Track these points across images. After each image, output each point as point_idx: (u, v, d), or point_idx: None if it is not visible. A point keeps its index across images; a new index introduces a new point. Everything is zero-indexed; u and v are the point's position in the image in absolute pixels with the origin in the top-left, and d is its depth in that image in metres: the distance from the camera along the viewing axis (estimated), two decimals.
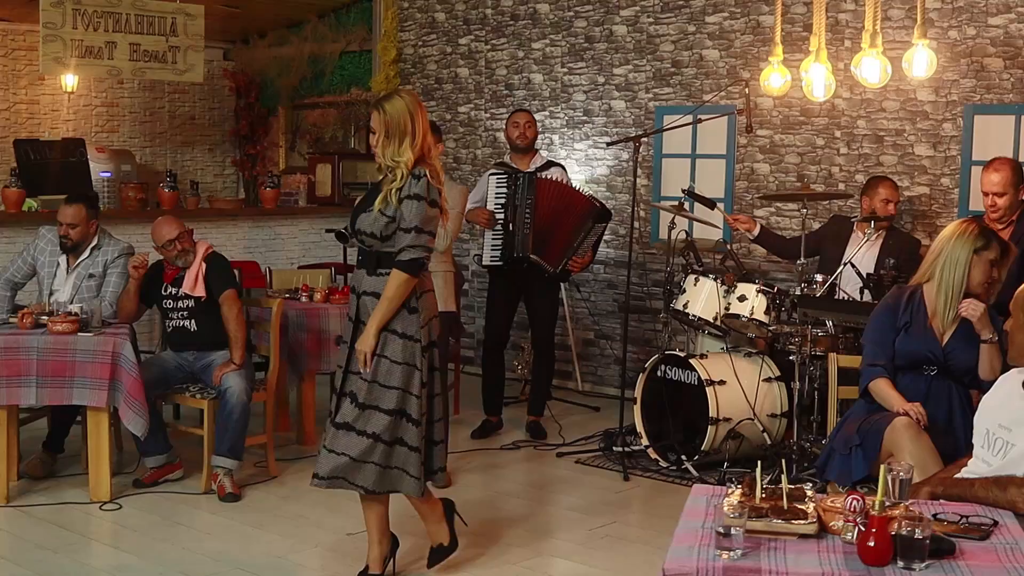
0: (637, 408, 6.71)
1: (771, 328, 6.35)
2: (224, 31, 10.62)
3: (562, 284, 7.87)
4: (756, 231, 7.08)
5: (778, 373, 6.56)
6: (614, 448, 6.75)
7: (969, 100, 7.01)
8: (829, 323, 6.06)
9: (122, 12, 8.16)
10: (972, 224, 4.65)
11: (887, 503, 2.92)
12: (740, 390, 6.37)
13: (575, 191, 7.27)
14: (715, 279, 6.58)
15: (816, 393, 6.38)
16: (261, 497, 5.96)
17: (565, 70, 8.85)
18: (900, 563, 2.66)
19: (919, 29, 5.15)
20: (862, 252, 6.72)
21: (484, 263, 7.29)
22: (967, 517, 3.03)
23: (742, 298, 6.43)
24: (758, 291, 6.40)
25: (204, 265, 6.08)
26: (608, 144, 8.22)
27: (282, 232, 9.18)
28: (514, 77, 9.15)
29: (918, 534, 2.63)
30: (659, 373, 6.65)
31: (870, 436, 4.42)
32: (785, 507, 2.97)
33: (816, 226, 7.57)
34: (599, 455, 6.81)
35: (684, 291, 6.69)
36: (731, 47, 7.96)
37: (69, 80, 9.57)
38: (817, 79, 5.46)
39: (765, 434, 6.40)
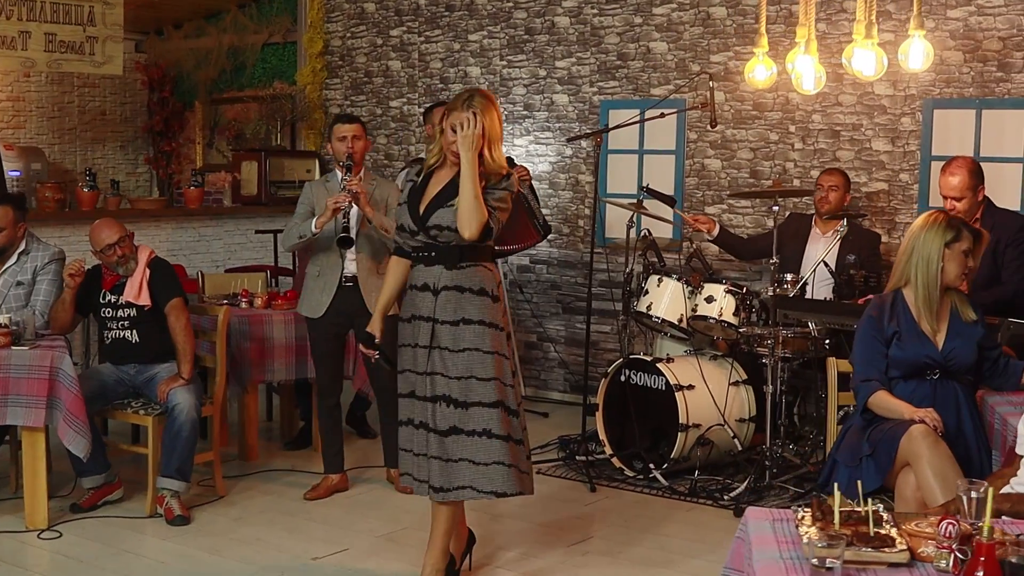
0: (599, 415, 6.45)
1: (741, 330, 6.14)
2: (136, 21, 10.02)
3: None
4: (716, 232, 6.87)
5: (745, 376, 6.35)
6: (576, 457, 6.47)
7: (928, 94, 6.89)
8: (812, 325, 5.85)
9: (37, 0, 7.64)
10: (938, 216, 4.47)
11: (976, 524, 2.69)
12: (709, 395, 6.15)
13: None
14: (679, 279, 6.36)
15: (784, 397, 6.20)
16: (211, 519, 5.55)
17: (504, 63, 8.54)
18: None
19: (915, 19, 4.95)
20: (822, 249, 6.57)
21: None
22: None
23: (710, 299, 6.21)
24: (726, 292, 6.18)
25: (148, 271, 5.65)
26: (569, 140, 7.95)
27: (207, 234, 8.73)
28: (450, 70, 8.82)
29: None
30: (623, 378, 6.40)
31: (882, 446, 4.21)
32: (871, 533, 2.72)
33: (770, 224, 7.41)
34: (560, 464, 6.53)
35: (647, 292, 6.45)
36: (680, 39, 7.73)
37: None
38: (806, 72, 5.23)
39: (736, 440, 6.18)
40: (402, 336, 4.49)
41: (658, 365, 6.18)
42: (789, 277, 6.07)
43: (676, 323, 6.34)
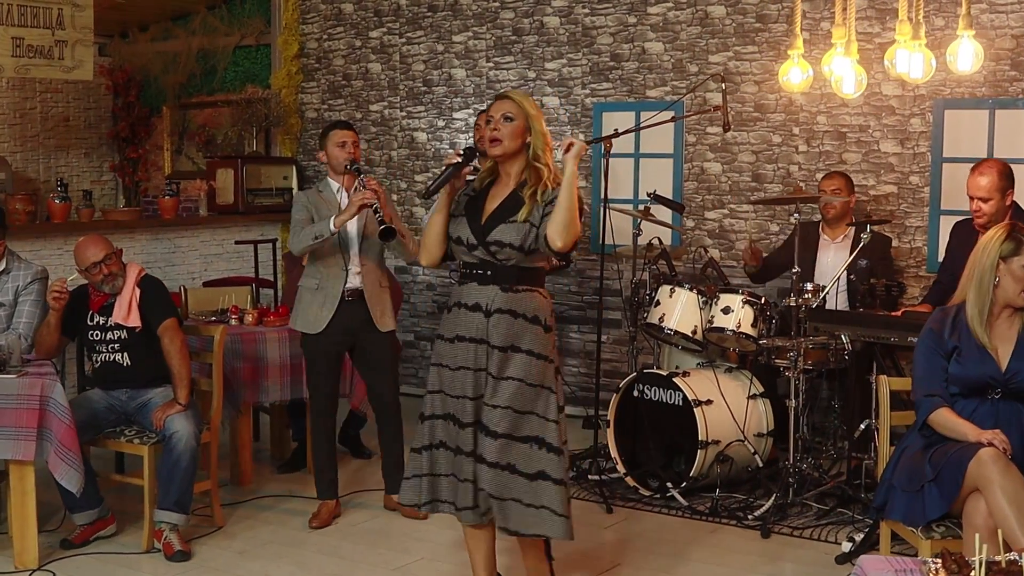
0: (611, 431, 6.18)
1: (761, 342, 5.89)
2: (100, 24, 9.56)
3: None
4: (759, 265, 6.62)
5: (762, 389, 6.11)
6: (589, 477, 6.20)
7: (939, 95, 6.69)
8: (844, 337, 5.61)
9: (3, 2, 7.23)
10: (1000, 229, 4.24)
11: None
12: (727, 410, 5.90)
13: None
14: (693, 290, 6.10)
15: (803, 410, 5.97)
16: (213, 554, 5.21)
17: (491, 64, 8.25)
18: None
19: (964, 19, 4.71)
20: (832, 255, 6.38)
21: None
22: None
23: (727, 310, 5.96)
24: (744, 302, 5.94)
25: (138, 291, 5.30)
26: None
27: (182, 245, 8.35)
28: (433, 72, 8.51)
29: None
30: (635, 393, 6.13)
31: (947, 470, 3.97)
32: None
33: (774, 229, 7.20)
34: (571, 484, 6.24)
35: (658, 303, 6.19)
36: (676, 39, 7.48)
37: None
38: (846, 74, 4.97)
39: (757, 456, 5.94)
40: (441, 355, 4.18)
41: (675, 380, 5.93)
42: (809, 287, 5.83)
43: (690, 335, 6.08)
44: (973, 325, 4.17)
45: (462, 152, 4.09)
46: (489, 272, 4.08)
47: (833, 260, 6.38)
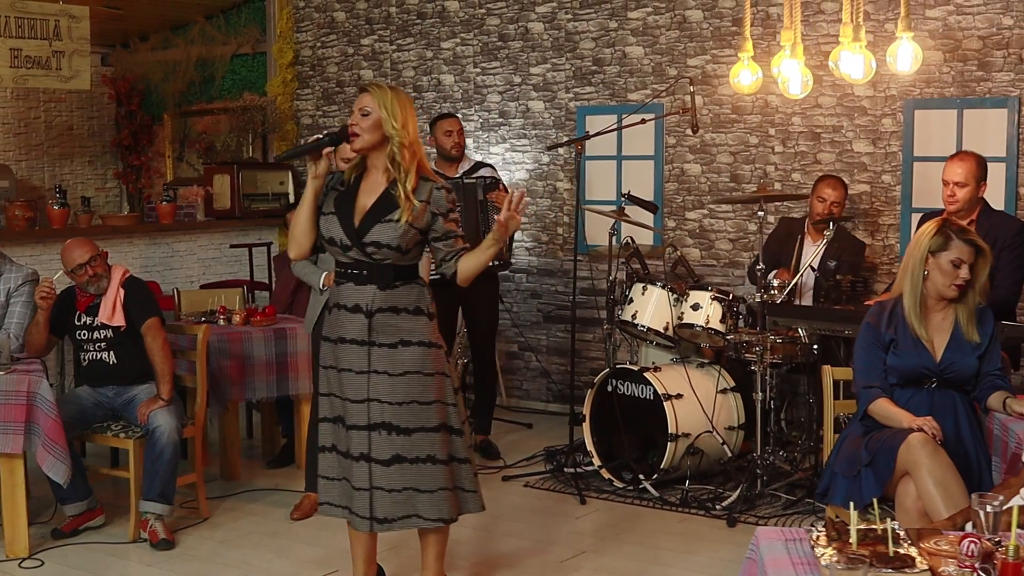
0: (586, 425, 6.37)
1: (728, 337, 6.07)
2: (101, 34, 9.88)
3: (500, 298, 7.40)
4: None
5: (732, 384, 6.28)
6: (564, 469, 6.39)
7: (909, 95, 6.84)
8: (801, 331, 5.79)
9: (1, 15, 7.48)
10: (933, 223, 4.39)
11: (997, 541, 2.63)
12: (698, 403, 6.08)
13: (478, 184, 6.72)
14: (664, 287, 6.28)
15: (772, 403, 6.14)
16: (197, 543, 5.43)
17: (478, 70, 8.45)
18: None
19: (903, 22, 4.89)
20: (808, 255, 6.52)
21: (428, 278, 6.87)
22: None
23: (696, 306, 6.13)
24: (712, 298, 6.11)
25: (122, 291, 5.52)
26: (548, 147, 7.83)
27: (180, 249, 8.58)
28: (423, 79, 8.72)
29: None
30: (609, 388, 6.32)
31: (881, 455, 4.14)
32: (891, 553, 2.64)
33: (752, 228, 7.36)
34: (547, 477, 6.44)
35: (631, 300, 6.37)
36: (656, 43, 7.66)
37: None
38: (792, 76, 5.16)
39: (725, 447, 6.12)
40: (325, 358, 4.26)
41: (645, 375, 6.11)
42: (776, 283, 6.00)
43: (662, 331, 6.26)
44: (909, 318, 4.34)
45: (325, 133, 4.12)
46: (365, 272, 4.12)
47: (805, 259, 6.53)
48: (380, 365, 4.11)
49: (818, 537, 2.78)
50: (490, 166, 7.12)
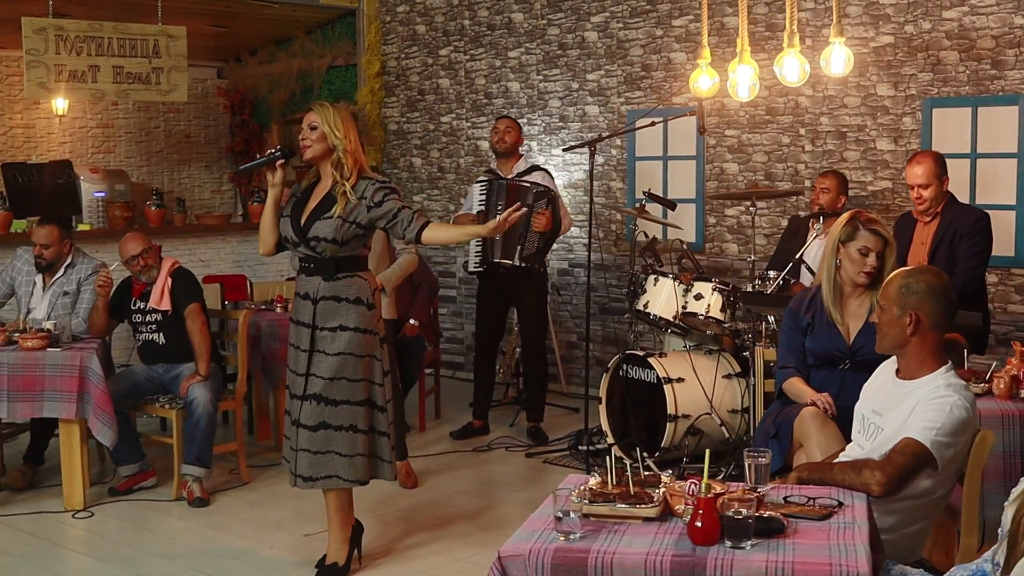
0: (602, 407, 6.85)
1: (727, 325, 6.47)
2: (217, 50, 10.88)
3: (548, 288, 7.88)
4: None
5: (738, 369, 6.66)
6: (580, 447, 6.88)
7: (927, 94, 7.10)
8: (771, 318, 6.17)
9: (104, 36, 8.37)
10: (845, 216, 4.67)
11: (745, 487, 3.06)
12: (699, 386, 6.49)
13: (529, 190, 7.18)
14: (673, 278, 6.71)
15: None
16: (229, 502, 6.14)
17: (540, 77, 8.99)
18: (728, 543, 2.79)
19: (835, 27, 5.26)
20: (812, 249, 6.83)
21: (469, 270, 7.43)
22: (815, 499, 3.15)
23: (699, 296, 6.54)
24: (714, 289, 6.51)
25: (170, 280, 6.27)
26: (564, 150, 8.28)
27: None
28: (492, 86, 9.31)
29: (743, 515, 2.76)
30: (621, 372, 6.78)
31: (783, 427, 4.51)
32: (632, 492, 3.10)
33: (783, 223, 7.70)
34: (566, 455, 6.95)
35: (645, 291, 6.81)
36: (697, 49, 8.04)
37: (60, 104, 9.82)
38: (742, 80, 5.57)
39: (724, 428, 6.51)
40: (290, 337, 4.92)
41: (650, 360, 6.55)
42: (771, 274, 6.37)
43: (672, 320, 6.69)
44: (827, 304, 4.70)
45: (278, 148, 4.79)
46: (312, 265, 4.77)
47: (817, 253, 6.86)
48: (320, 345, 4.77)
49: (593, 478, 3.24)
50: (545, 171, 7.55)
